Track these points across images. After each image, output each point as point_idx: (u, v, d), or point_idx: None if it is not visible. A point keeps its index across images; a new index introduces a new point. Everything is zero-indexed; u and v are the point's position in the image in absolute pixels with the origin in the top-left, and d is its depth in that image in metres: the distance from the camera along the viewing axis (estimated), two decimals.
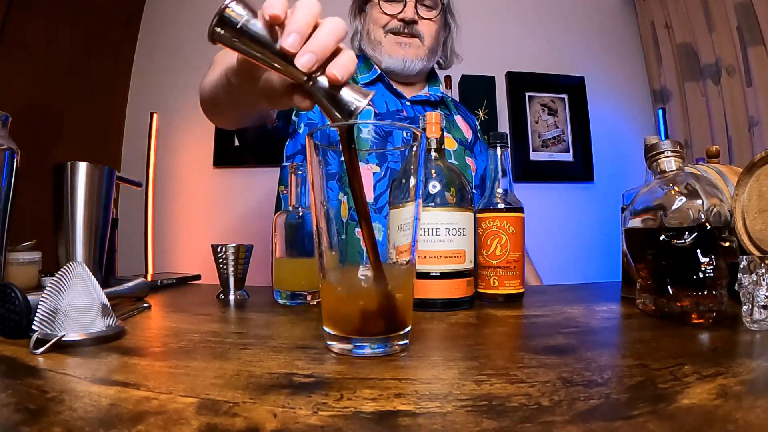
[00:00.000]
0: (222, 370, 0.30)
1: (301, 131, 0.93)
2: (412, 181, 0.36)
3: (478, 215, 0.61)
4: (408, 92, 1.01)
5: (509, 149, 0.66)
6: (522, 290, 0.61)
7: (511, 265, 0.59)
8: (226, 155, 1.82)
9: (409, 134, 0.37)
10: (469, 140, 1.04)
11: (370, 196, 0.39)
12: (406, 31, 0.96)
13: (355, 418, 0.22)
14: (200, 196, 1.85)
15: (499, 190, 0.62)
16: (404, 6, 0.94)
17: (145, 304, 0.56)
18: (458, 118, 1.07)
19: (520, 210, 0.61)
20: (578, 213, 1.84)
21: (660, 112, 1.77)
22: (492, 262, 0.60)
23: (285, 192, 0.92)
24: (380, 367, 0.30)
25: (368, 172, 0.40)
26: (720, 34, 1.61)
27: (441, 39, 1.04)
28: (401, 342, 0.34)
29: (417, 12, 0.95)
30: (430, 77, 1.07)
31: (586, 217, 1.86)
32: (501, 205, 0.61)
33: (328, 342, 0.35)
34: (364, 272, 0.35)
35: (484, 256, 0.60)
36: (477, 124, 1.14)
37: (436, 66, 1.09)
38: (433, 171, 0.55)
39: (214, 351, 0.35)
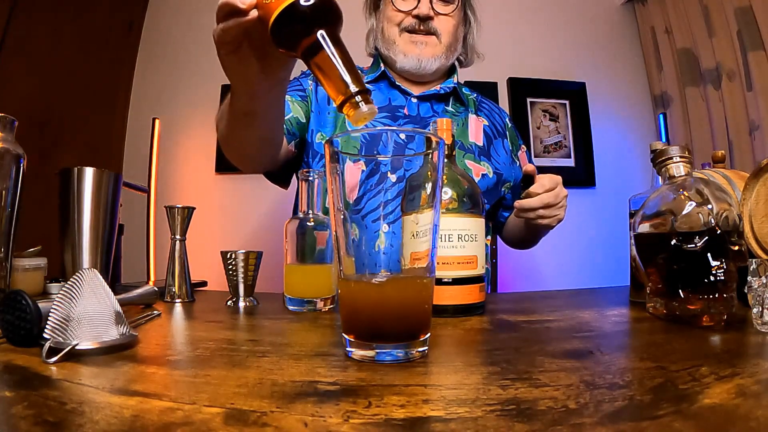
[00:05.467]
0: (243, 379, 0.29)
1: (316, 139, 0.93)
2: (429, 189, 0.35)
3: None
4: (419, 89, 0.96)
5: None
6: None
7: None
8: (228, 161, 1.81)
9: (404, 137, 0.36)
10: (481, 144, 0.97)
11: (352, 196, 0.38)
12: (421, 28, 0.89)
13: (387, 425, 0.21)
14: (202, 202, 1.84)
15: None
16: (418, 1, 0.88)
17: (155, 312, 0.56)
18: (472, 118, 0.98)
19: None
20: (580, 218, 1.85)
21: (661, 117, 1.78)
22: None
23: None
24: (403, 373, 0.30)
25: (355, 170, 0.39)
26: (720, 39, 1.62)
27: (460, 35, 0.96)
28: (421, 348, 0.34)
29: (432, 7, 0.88)
30: (451, 73, 1.00)
31: (588, 223, 1.86)
32: None
33: (349, 349, 0.35)
34: (383, 278, 0.34)
35: None
36: (506, 120, 1.05)
37: (456, 63, 1.01)
38: (444, 177, 0.55)
39: (232, 359, 0.35)
